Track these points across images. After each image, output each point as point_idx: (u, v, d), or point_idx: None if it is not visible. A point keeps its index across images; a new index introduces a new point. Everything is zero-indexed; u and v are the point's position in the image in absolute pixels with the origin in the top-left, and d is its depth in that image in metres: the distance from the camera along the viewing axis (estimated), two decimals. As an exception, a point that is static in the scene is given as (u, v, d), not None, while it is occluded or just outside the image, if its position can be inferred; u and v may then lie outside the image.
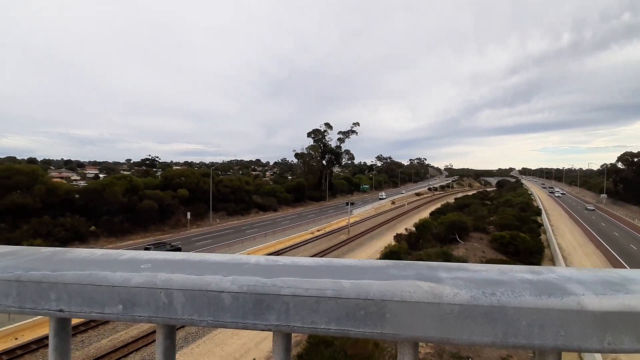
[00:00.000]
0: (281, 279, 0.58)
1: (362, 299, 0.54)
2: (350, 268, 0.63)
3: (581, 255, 30.65)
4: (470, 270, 0.61)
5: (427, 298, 0.52)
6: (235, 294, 0.57)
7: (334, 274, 0.59)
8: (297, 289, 0.56)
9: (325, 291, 0.55)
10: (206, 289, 0.58)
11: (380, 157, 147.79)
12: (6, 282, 0.62)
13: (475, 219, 41.04)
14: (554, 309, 0.50)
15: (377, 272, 0.60)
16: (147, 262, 0.67)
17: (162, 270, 0.62)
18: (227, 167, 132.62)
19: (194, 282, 0.58)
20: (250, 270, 0.62)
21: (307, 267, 0.63)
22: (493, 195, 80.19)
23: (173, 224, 43.16)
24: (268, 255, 0.70)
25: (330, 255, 32.56)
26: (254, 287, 0.57)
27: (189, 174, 50.23)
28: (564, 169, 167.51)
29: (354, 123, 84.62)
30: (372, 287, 0.55)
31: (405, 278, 0.57)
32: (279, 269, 0.62)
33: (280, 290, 0.56)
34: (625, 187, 71.38)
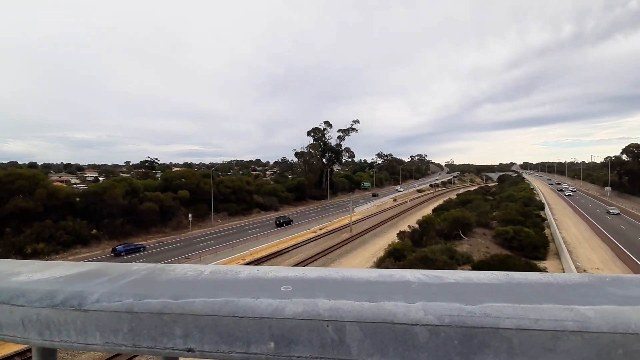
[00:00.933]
0: (491, 305, 0.43)
1: (621, 334, 0.39)
2: (547, 285, 0.50)
3: (587, 249, 30.32)
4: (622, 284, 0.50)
5: None
6: (434, 327, 0.42)
7: (547, 296, 0.45)
8: (523, 319, 0.41)
9: (563, 323, 0.40)
10: (392, 321, 0.43)
11: (380, 154, 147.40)
12: (114, 314, 0.49)
13: (478, 214, 40.81)
14: None
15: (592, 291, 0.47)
16: (281, 282, 0.54)
17: (316, 295, 0.48)
18: (227, 168, 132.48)
19: (373, 312, 0.44)
20: (425, 291, 0.48)
21: (491, 285, 0.50)
22: (495, 191, 79.89)
23: (175, 226, 42.98)
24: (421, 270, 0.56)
25: (334, 254, 32.34)
26: (459, 317, 0.42)
27: (189, 175, 50.02)
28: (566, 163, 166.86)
29: (354, 120, 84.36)
30: (629, 317, 0.40)
31: None
32: (462, 289, 0.49)
33: (497, 322, 0.41)
34: (630, 180, 70.90)
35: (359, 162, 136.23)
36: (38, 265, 0.65)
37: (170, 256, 31.23)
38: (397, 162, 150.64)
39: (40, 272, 0.59)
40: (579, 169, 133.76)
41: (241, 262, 29.41)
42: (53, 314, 0.49)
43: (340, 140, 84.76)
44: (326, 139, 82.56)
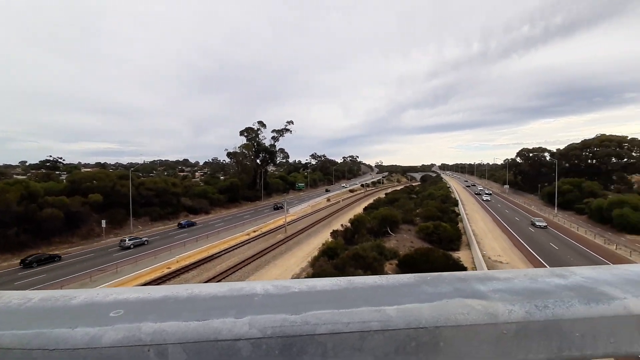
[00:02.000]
0: (313, 313, 0.47)
1: (414, 329, 0.46)
2: (379, 288, 0.54)
3: (491, 240, 34.80)
4: (500, 279, 0.58)
5: (482, 319, 0.47)
6: (257, 340, 0.44)
7: (367, 299, 0.50)
8: (336, 324, 0.45)
9: (370, 324, 0.46)
10: (216, 339, 0.43)
11: (314, 155, 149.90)
12: None
13: (404, 212, 43.99)
14: (605, 316, 0.49)
15: (412, 291, 0.52)
16: (116, 305, 0.49)
17: (145, 318, 0.46)
18: (149, 168, 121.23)
19: (197, 331, 0.44)
20: (264, 304, 0.49)
21: (330, 292, 0.52)
22: (418, 190, 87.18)
23: (84, 234, 37.72)
24: (274, 281, 0.57)
25: (268, 256, 31.70)
26: (281, 328, 0.45)
27: (103, 177, 44.38)
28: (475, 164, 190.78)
29: (288, 121, 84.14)
30: (422, 313, 0.47)
31: (449, 296, 0.51)
32: (300, 298, 0.50)
33: (315, 328, 0.45)
34: (523, 179, 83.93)
35: (293, 163, 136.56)
36: None
37: (79, 269, 27.22)
38: (331, 162, 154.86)
39: None
40: (484, 170, 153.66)
41: (166, 270, 27.01)
42: None
43: (274, 141, 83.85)
44: (260, 139, 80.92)
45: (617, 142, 65.19)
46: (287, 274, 26.40)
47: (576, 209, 51.22)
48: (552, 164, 67.64)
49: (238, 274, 27.09)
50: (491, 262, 26.62)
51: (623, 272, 0.60)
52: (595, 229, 39.58)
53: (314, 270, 23.57)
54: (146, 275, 25.95)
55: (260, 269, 28.49)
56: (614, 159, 65.76)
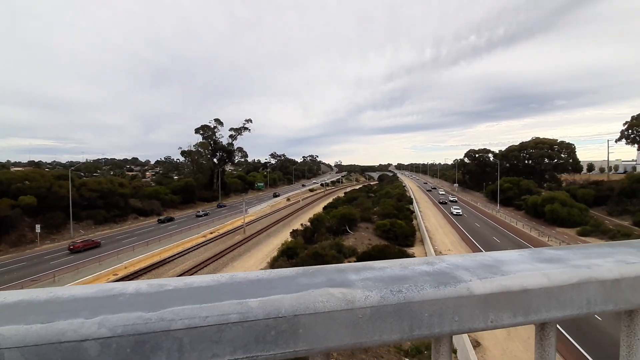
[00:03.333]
0: (171, 309, 0.46)
1: (273, 318, 0.48)
2: (257, 282, 0.55)
3: (442, 235, 36.96)
4: (376, 269, 0.61)
5: (340, 305, 0.50)
6: (106, 339, 0.42)
7: (238, 293, 0.50)
8: (193, 318, 0.45)
9: (228, 316, 0.46)
10: (59, 340, 0.41)
11: (274, 154, 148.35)
12: None
13: (362, 210, 45.08)
14: (450, 297, 0.54)
15: (286, 284, 0.54)
16: None
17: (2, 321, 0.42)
18: (93, 168, 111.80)
19: (39, 334, 0.41)
20: (127, 303, 0.47)
21: (205, 288, 0.52)
22: (376, 189, 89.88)
23: (14, 241, 33.79)
24: (152, 280, 0.55)
25: (226, 258, 30.77)
26: (133, 326, 0.43)
27: (37, 177, 40.05)
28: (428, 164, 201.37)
29: (247, 119, 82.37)
30: (283, 303, 0.49)
31: (318, 286, 0.53)
32: (167, 296, 0.49)
33: (170, 324, 0.44)
34: (470, 177, 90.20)
35: (252, 162, 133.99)
36: None
37: (6, 280, 24.30)
38: (291, 162, 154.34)
39: None
40: (436, 169, 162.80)
41: (112, 277, 25.06)
42: None
43: (232, 140, 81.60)
44: (217, 138, 78.29)
45: (549, 145, 72.52)
46: (246, 276, 25.85)
47: (515, 205, 56.14)
48: (495, 164, 73.50)
49: (193, 277, 25.95)
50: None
51: (484, 258, 0.66)
52: (531, 223, 43.71)
53: (273, 270, 23.31)
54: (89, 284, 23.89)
55: (217, 271, 27.50)
56: (547, 160, 73.06)
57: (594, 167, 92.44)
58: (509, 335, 14.72)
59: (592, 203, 48.30)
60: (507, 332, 14.94)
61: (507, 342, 14.28)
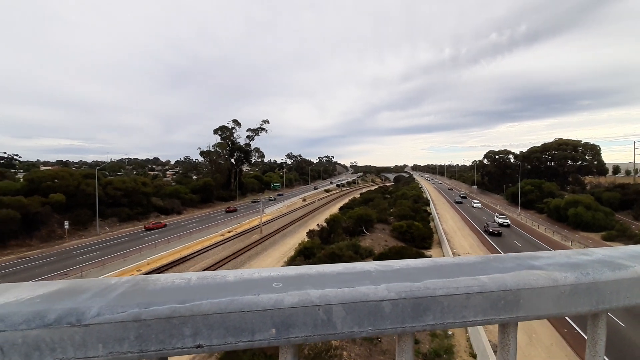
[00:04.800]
0: (430, 281, 0.62)
1: (502, 291, 0.63)
2: (461, 265, 0.71)
3: (460, 238, 36.36)
4: (545, 257, 0.78)
5: (548, 283, 0.65)
6: (395, 300, 0.58)
7: (462, 272, 0.67)
8: (449, 289, 0.61)
9: (472, 287, 0.62)
10: (366, 300, 0.57)
11: (290, 155, 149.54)
12: (120, 324, 0.50)
13: (378, 211, 44.89)
14: (624, 279, 0.70)
15: (488, 266, 0.70)
16: (272, 280, 0.61)
17: (307, 287, 0.58)
18: (117, 167, 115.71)
19: (352, 295, 0.57)
20: (382, 277, 0.63)
21: (427, 269, 0.68)
22: (392, 190, 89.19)
23: (44, 237, 35.48)
24: (375, 262, 0.72)
25: (244, 257, 31.34)
26: (410, 291, 0.59)
27: (66, 176, 41.91)
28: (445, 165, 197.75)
29: (264, 120, 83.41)
30: (506, 280, 0.64)
31: (518, 269, 0.69)
32: (407, 272, 0.66)
33: (434, 292, 0.60)
34: (489, 179, 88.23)
35: (268, 163, 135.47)
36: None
37: (38, 274, 25.59)
38: (306, 162, 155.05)
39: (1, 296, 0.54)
40: (454, 171, 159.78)
41: (136, 273, 25.99)
42: (45, 334, 0.48)
43: (249, 140, 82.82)
44: (235, 138, 79.60)
45: (573, 146, 70.06)
46: (263, 275, 26.27)
47: (537, 208, 54.51)
48: (516, 166, 71.59)
49: (213, 275, 26.59)
50: (460, 259, 27.81)
51: (626, 250, 0.83)
52: (554, 227, 42.36)
53: (291, 270, 23.59)
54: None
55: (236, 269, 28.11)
56: (570, 162, 70.61)
57: (620, 169, 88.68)
58: (530, 342, 14.46)
59: (618, 207, 46.49)
60: (529, 338, 14.67)
61: (528, 348, 14.03)
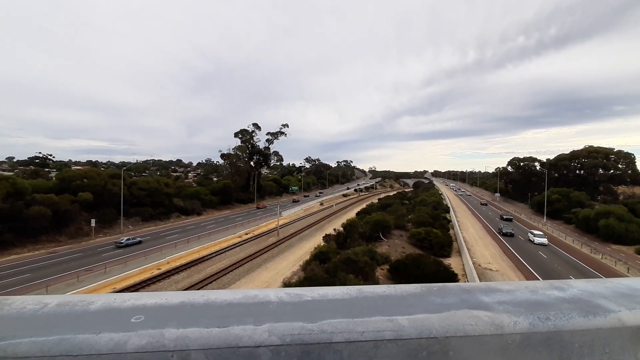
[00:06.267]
0: (328, 322, 0.49)
1: (425, 338, 0.49)
2: (387, 298, 0.57)
3: (482, 247, 35.22)
4: (504, 291, 0.62)
5: (489, 330, 0.51)
6: (276, 347, 0.45)
7: (379, 309, 0.52)
8: (352, 333, 0.48)
9: (383, 333, 0.48)
10: (237, 345, 0.45)
11: (308, 158, 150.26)
12: None
13: (396, 217, 44.22)
14: (602, 328, 0.53)
15: (420, 302, 0.55)
16: (135, 311, 0.51)
17: (166, 324, 0.47)
18: (142, 168, 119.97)
19: (219, 338, 0.45)
20: (280, 312, 0.51)
21: (342, 301, 0.55)
22: (410, 196, 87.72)
23: (72, 233, 37.13)
24: (288, 289, 0.60)
25: (260, 259, 31.60)
26: (299, 336, 0.46)
27: (94, 175, 43.82)
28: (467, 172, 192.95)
29: (283, 124, 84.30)
30: (432, 323, 0.50)
31: (457, 307, 0.54)
32: (314, 306, 0.52)
33: (331, 337, 0.47)
34: (513, 187, 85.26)
35: (287, 166, 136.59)
36: None
37: (66, 268, 26.78)
38: (325, 167, 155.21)
39: None
40: (476, 178, 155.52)
41: (156, 272, 26.74)
42: None
43: (268, 144, 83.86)
44: (254, 142, 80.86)
45: (605, 154, 66.67)
46: (279, 278, 26.36)
47: (564, 218, 52.13)
48: (542, 174, 68.83)
49: (229, 276, 26.95)
50: (481, 270, 26.93)
51: (616, 285, 0.65)
52: (582, 239, 40.32)
53: (306, 274, 23.56)
54: (136, 276, 25.67)
55: (252, 272, 28.39)
56: (601, 170, 67.19)
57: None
58: None
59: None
60: None
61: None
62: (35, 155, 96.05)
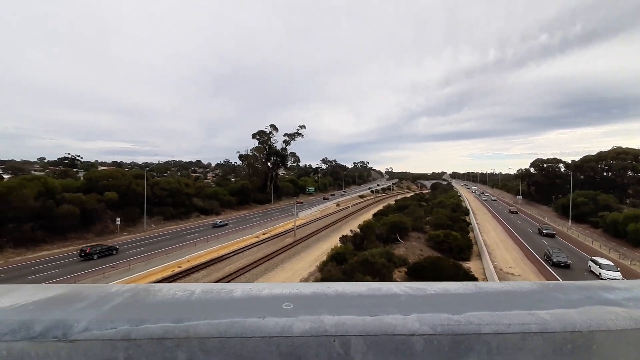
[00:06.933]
0: (474, 314, 0.50)
1: (569, 332, 0.49)
2: (508, 293, 0.58)
3: (503, 250, 34.34)
4: (621, 289, 0.62)
5: (629, 324, 0.51)
6: (429, 336, 0.48)
7: (514, 303, 0.54)
8: (498, 325, 0.49)
9: (529, 326, 0.49)
10: (392, 333, 0.47)
11: (325, 159, 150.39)
12: (108, 342, 0.44)
13: (414, 219, 43.71)
14: None
15: (543, 297, 0.56)
16: (282, 299, 0.54)
17: (320, 311, 0.50)
18: (163, 168, 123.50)
19: (375, 325, 0.48)
20: (413, 303, 0.53)
21: (463, 296, 0.57)
22: (428, 197, 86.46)
23: (99, 231, 38.70)
24: (410, 283, 0.60)
25: (277, 259, 31.98)
26: (448, 326, 0.48)
27: (119, 176, 45.52)
28: (487, 173, 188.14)
29: (300, 125, 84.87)
30: (573, 318, 0.51)
31: (587, 303, 0.55)
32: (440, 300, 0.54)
33: (479, 328, 0.48)
34: (536, 190, 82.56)
35: (304, 167, 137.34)
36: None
37: (92, 265, 27.98)
38: (341, 168, 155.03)
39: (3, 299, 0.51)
40: (497, 179, 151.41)
41: (177, 269, 27.53)
42: (30, 347, 0.44)
43: (286, 145, 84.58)
44: (272, 143, 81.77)
45: (634, 155, 63.63)
46: (296, 278, 26.61)
47: (591, 222, 50.08)
48: (567, 176, 66.40)
49: (247, 275, 27.43)
50: (502, 274, 26.28)
51: None
52: (610, 243, 38.65)
53: (322, 275, 23.70)
54: (158, 273, 26.51)
55: (269, 271, 28.78)
56: (630, 172, 64.15)
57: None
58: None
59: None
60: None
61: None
62: (65, 156, 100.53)
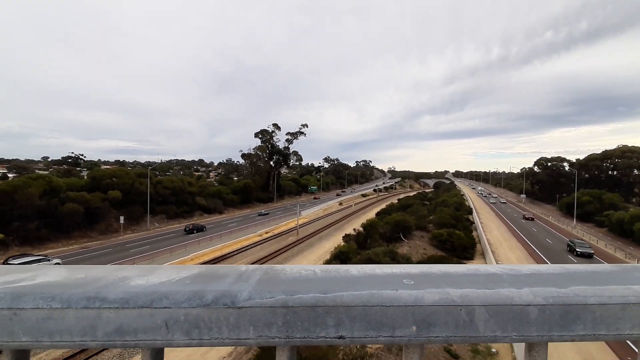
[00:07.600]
0: (577, 287, 0.58)
1: None
2: (595, 273, 0.64)
3: (507, 250, 34.16)
4: None
5: None
6: (542, 306, 0.55)
7: (603, 280, 0.61)
8: (602, 297, 0.56)
9: (628, 297, 0.57)
10: (511, 304, 0.55)
11: (327, 158, 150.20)
12: (269, 309, 0.52)
13: (417, 218, 43.58)
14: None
15: (632, 276, 0.63)
16: (400, 277, 0.61)
17: (441, 285, 0.57)
18: (166, 167, 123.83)
19: (495, 297, 0.55)
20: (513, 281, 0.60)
21: (554, 275, 0.63)
22: (431, 196, 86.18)
23: (102, 230, 38.85)
24: (501, 264, 0.68)
25: (280, 258, 32.00)
26: (558, 298, 0.56)
27: (122, 174, 45.65)
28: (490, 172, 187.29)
29: (303, 124, 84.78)
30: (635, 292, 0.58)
31: None
32: (533, 280, 0.61)
33: (585, 299, 0.56)
34: (540, 188, 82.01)
35: (306, 166, 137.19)
36: (139, 269, 0.64)
37: (97, 263, 28.06)
38: (344, 166, 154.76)
39: (153, 276, 0.59)
40: (500, 178, 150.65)
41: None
42: (204, 313, 0.51)
43: (288, 144, 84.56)
44: (274, 142, 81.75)
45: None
46: (299, 276, 26.57)
47: (596, 221, 49.72)
48: (572, 174, 65.96)
49: (250, 274, 27.43)
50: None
51: None
52: (616, 243, 38.35)
53: (326, 273, 23.65)
54: (162, 272, 26.57)
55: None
56: (636, 171, 63.62)
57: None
58: None
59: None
60: None
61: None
62: (68, 155, 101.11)
